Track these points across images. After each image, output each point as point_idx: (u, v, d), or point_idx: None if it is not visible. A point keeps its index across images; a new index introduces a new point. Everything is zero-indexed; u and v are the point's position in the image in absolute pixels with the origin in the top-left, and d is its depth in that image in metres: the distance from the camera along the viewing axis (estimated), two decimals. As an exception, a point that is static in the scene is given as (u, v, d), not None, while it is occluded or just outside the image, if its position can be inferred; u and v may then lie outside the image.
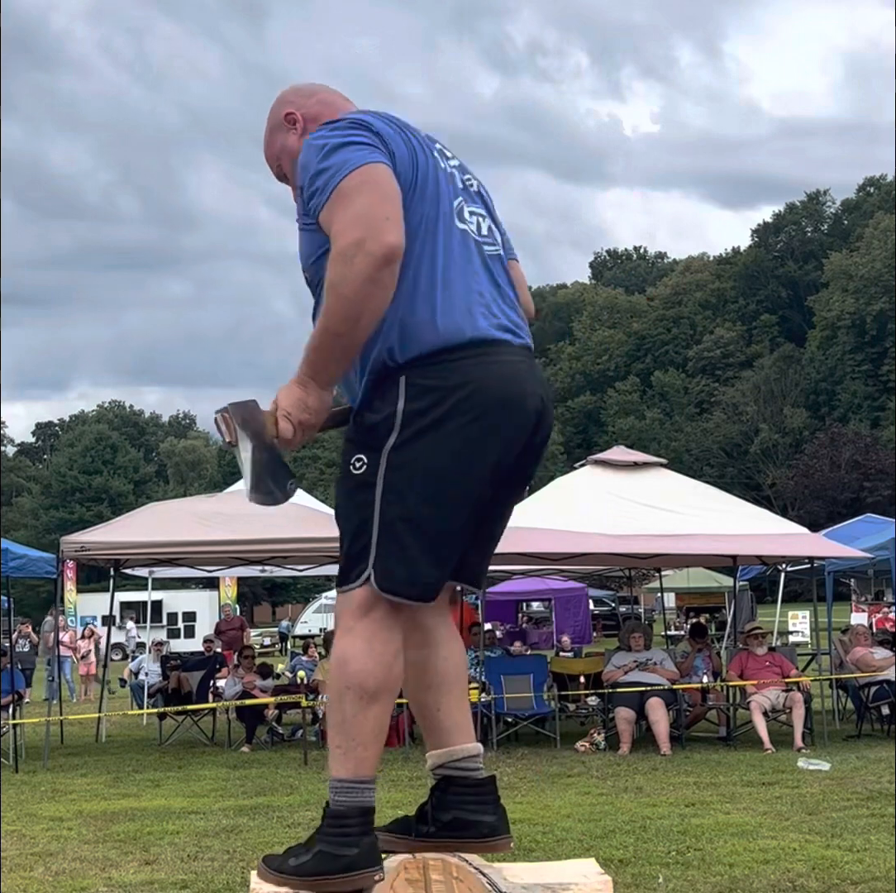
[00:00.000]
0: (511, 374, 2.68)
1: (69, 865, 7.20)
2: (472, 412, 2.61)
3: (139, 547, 13.54)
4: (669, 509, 13.08)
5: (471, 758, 2.83)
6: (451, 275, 2.67)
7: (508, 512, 2.90)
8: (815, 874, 6.38)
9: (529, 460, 2.80)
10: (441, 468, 2.61)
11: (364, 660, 2.65)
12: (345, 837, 2.62)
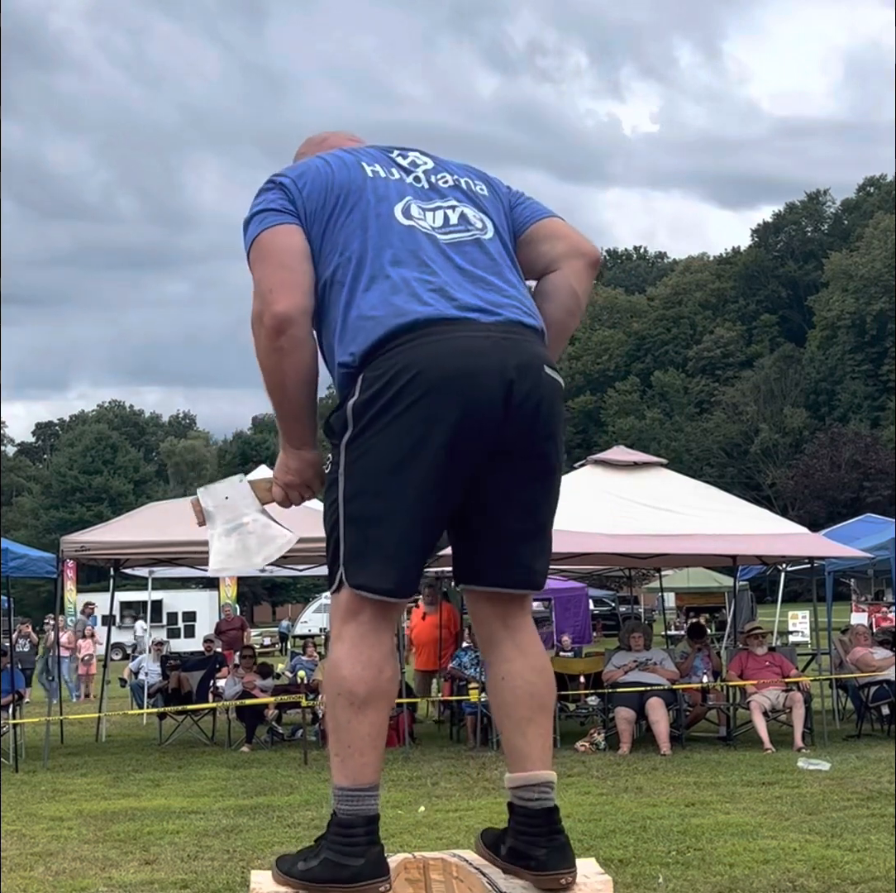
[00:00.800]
0: (465, 348, 2.56)
1: (69, 865, 7.21)
2: (416, 393, 2.52)
3: (139, 547, 13.53)
4: (669, 509, 13.08)
5: (529, 788, 2.69)
6: (388, 269, 2.64)
7: (530, 502, 2.69)
8: (815, 874, 6.39)
9: (519, 438, 2.61)
10: (389, 456, 2.55)
11: (352, 665, 2.61)
12: (351, 847, 2.58)
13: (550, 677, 2.79)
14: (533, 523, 2.72)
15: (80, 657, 23.87)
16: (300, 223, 2.72)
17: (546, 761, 2.72)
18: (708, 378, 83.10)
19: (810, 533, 14.80)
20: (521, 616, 2.76)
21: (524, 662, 2.73)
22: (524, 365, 2.60)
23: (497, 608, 2.75)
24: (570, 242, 2.91)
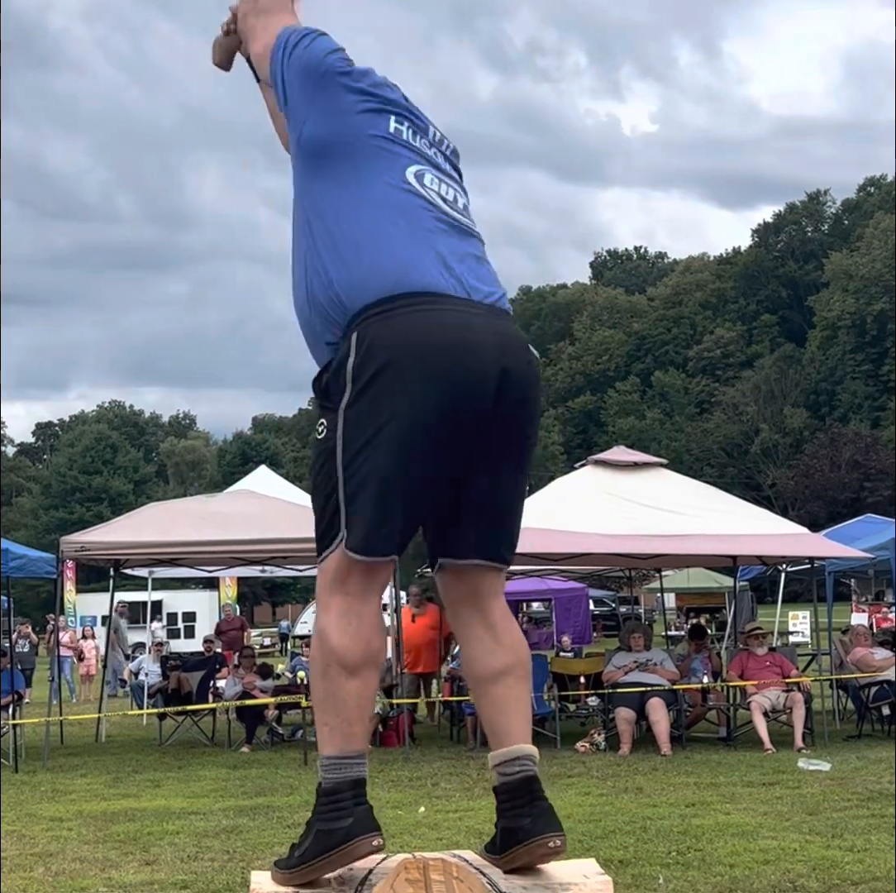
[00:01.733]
0: (462, 322, 2.62)
1: (69, 865, 7.20)
2: (414, 359, 2.57)
3: (139, 547, 13.53)
4: (670, 509, 13.08)
5: (510, 762, 2.71)
6: (400, 229, 2.69)
7: (504, 481, 2.74)
8: (815, 874, 6.38)
9: (510, 411, 2.66)
10: (387, 421, 2.58)
11: (340, 636, 2.63)
12: (338, 810, 2.64)
13: (522, 651, 2.81)
14: (517, 498, 2.79)
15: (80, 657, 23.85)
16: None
17: (525, 735, 2.76)
18: (708, 378, 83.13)
19: (810, 533, 14.80)
20: (493, 596, 2.80)
21: (495, 639, 2.77)
22: (512, 338, 2.71)
23: (469, 587, 2.78)
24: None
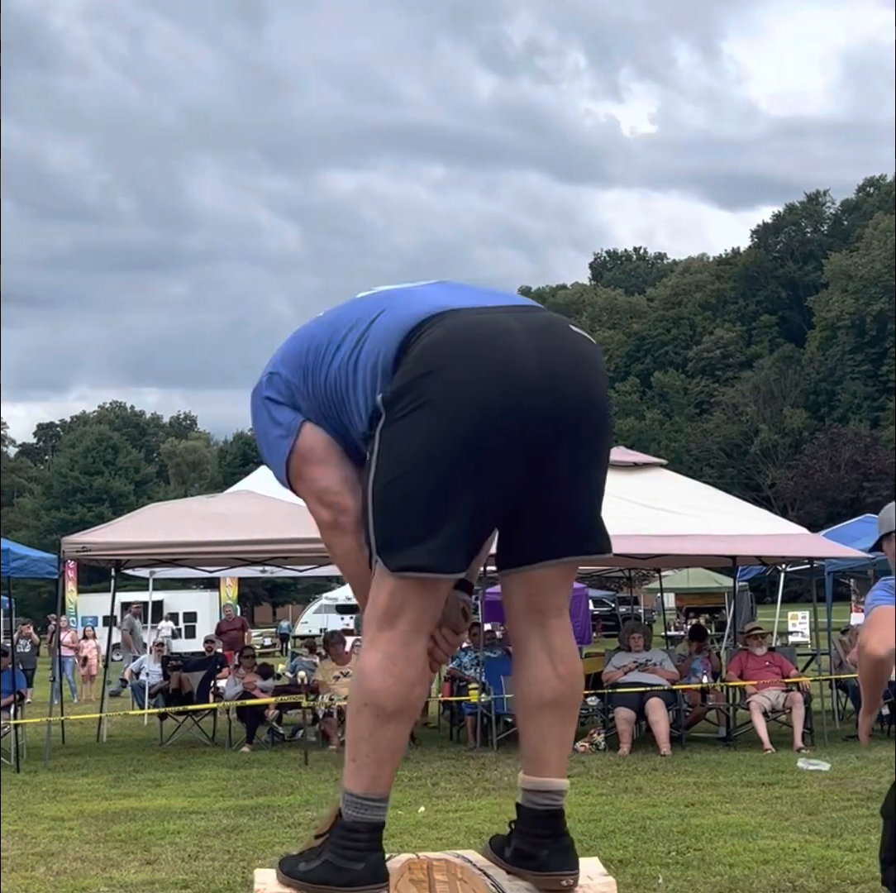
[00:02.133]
0: (478, 322, 2.54)
1: (70, 865, 7.23)
2: (435, 372, 2.49)
3: (140, 548, 13.55)
4: (669, 509, 13.09)
5: (541, 793, 2.69)
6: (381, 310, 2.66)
7: (577, 482, 2.61)
8: (815, 874, 6.41)
9: (568, 413, 2.53)
10: (422, 431, 2.49)
11: (384, 678, 2.55)
12: (352, 851, 2.58)
13: (577, 683, 2.73)
14: (592, 496, 2.67)
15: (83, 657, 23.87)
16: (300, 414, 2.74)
17: (562, 769, 2.71)
18: (708, 379, 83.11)
19: (810, 534, 14.82)
20: (555, 616, 2.71)
21: (552, 665, 2.69)
22: (548, 324, 2.61)
23: (535, 601, 2.69)
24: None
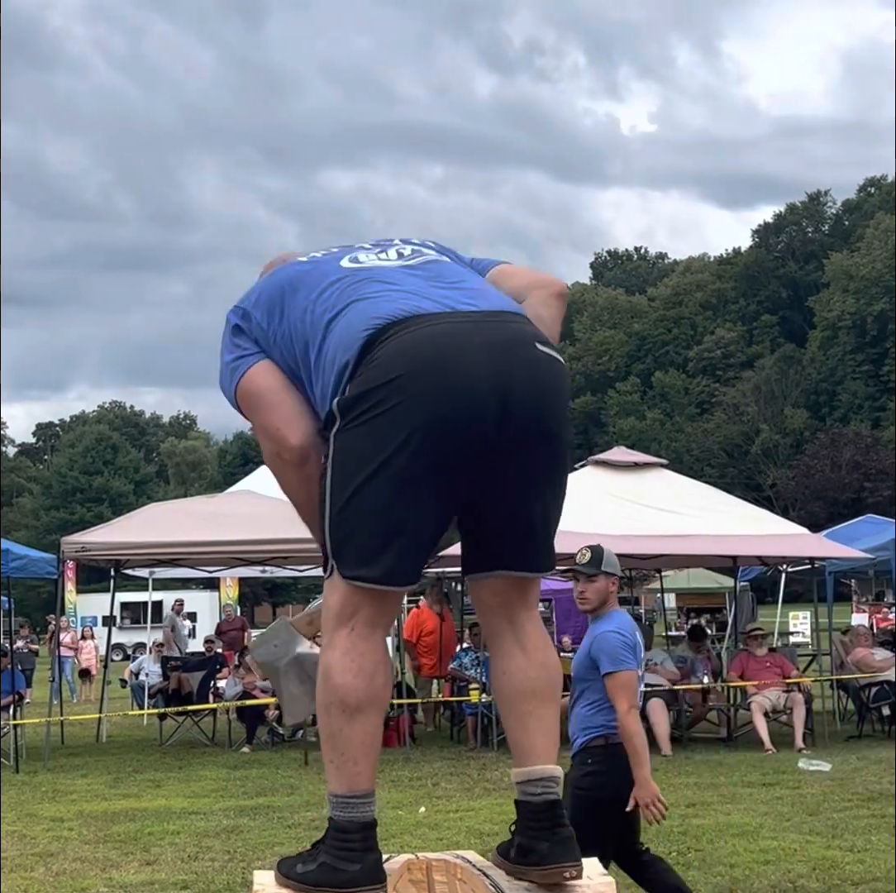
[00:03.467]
0: (441, 333, 2.54)
1: (70, 865, 7.22)
2: (394, 382, 2.50)
3: (140, 548, 13.54)
4: (670, 509, 13.08)
5: (532, 782, 2.69)
6: (348, 301, 2.67)
7: (531, 492, 2.63)
8: (815, 874, 6.40)
9: (522, 416, 2.55)
10: (379, 443, 2.51)
11: (343, 674, 2.59)
12: (347, 851, 2.58)
13: (553, 672, 2.75)
14: (548, 507, 2.69)
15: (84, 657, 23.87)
16: (261, 354, 2.80)
17: (550, 755, 2.72)
18: (708, 379, 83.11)
19: (811, 534, 14.80)
20: (525, 609, 2.74)
21: (525, 657, 2.72)
22: (511, 341, 2.59)
23: (501, 600, 2.73)
24: (532, 276, 2.94)
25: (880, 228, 76.18)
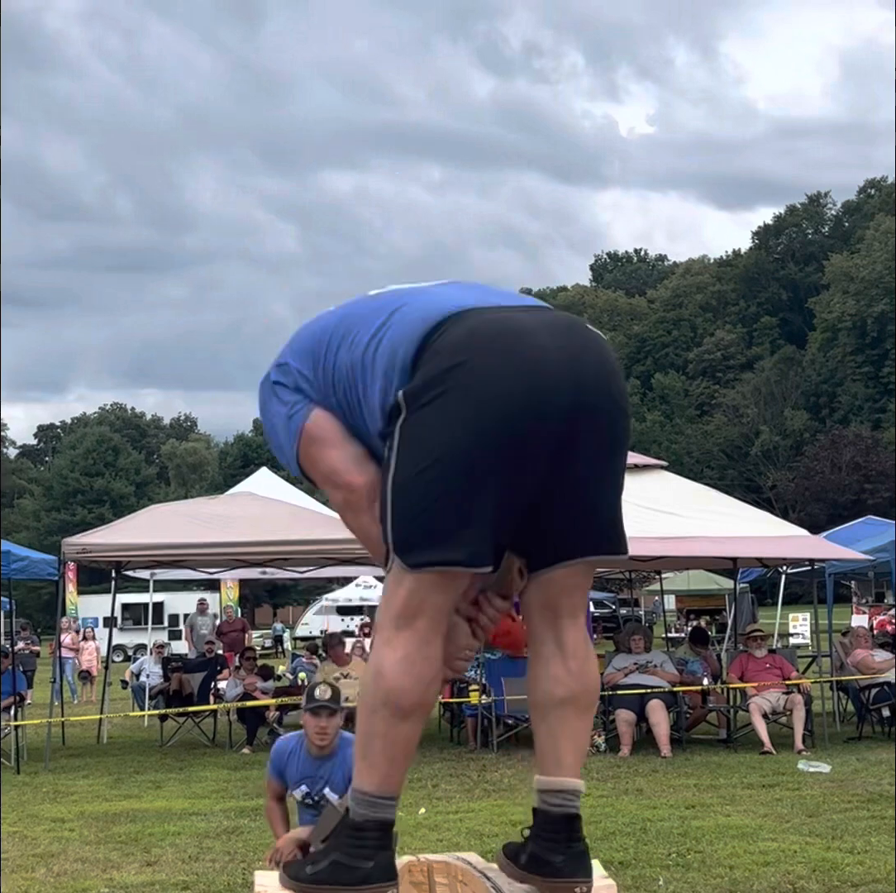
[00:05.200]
0: (501, 319, 2.55)
1: (70, 866, 7.23)
2: (460, 366, 2.49)
3: (140, 549, 13.55)
4: (670, 511, 13.09)
5: (555, 793, 2.68)
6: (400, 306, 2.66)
7: (596, 481, 2.60)
8: (815, 876, 6.40)
9: (595, 400, 2.54)
10: (448, 420, 2.48)
11: (402, 678, 2.54)
12: (361, 849, 2.57)
13: (591, 682, 2.71)
14: (610, 495, 2.66)
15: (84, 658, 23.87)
16: (314, 400, 2.73)
17: (576, 769, 2.70)
18: (708, 380, 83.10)
19: (811, 535, 14.80)
20: (570, 616, 2.70)
21: (564, 665, 2.68)
22: (568, 324, 2.62)
23: (548, 604, 2.69)
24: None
25: (880, 230, 76.16)
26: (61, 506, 70.68)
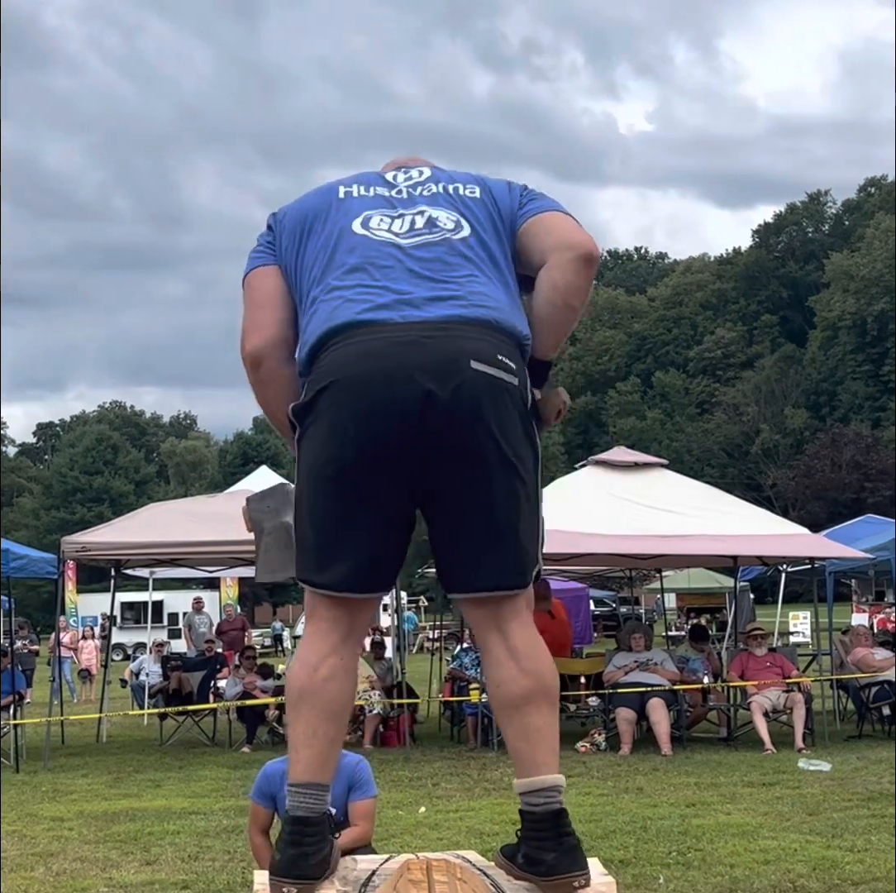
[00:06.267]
0: (370, 351, 2.58)
1: (70, 865, 7.22)
2: (329, 399, 2.60)
3: (140, 547, 13.54)
4: (670, 509, 13.08)
5: (534, 793, 2.66)
6: (334, 282, 2.73)
7: (482, 505, 2.60)
8: (815, 874, 6.39)
9: (442, 437, 2.55)
10: (315, 459, 2.64)
11: (294, 665, 2.69)
12: (281, 841, 2.65)
13: (546, 678, 2.69)
14: (492, 524, 2.64)
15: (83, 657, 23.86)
16: (276, 261, 2.88)
17: (551, 764, 2.68)
18: (709, 379, 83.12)
19: (811, 534, 14.80)
20: (513, 619, 2.69)
21: (516, 666, 2.67)
22: (436, 362, 2.56)
23: (486, 612, 2.70)
24: (560, 234, 2.79)
25: (880, 228, 76.18)
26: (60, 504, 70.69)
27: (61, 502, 70.94)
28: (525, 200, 2.88)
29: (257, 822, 5.29)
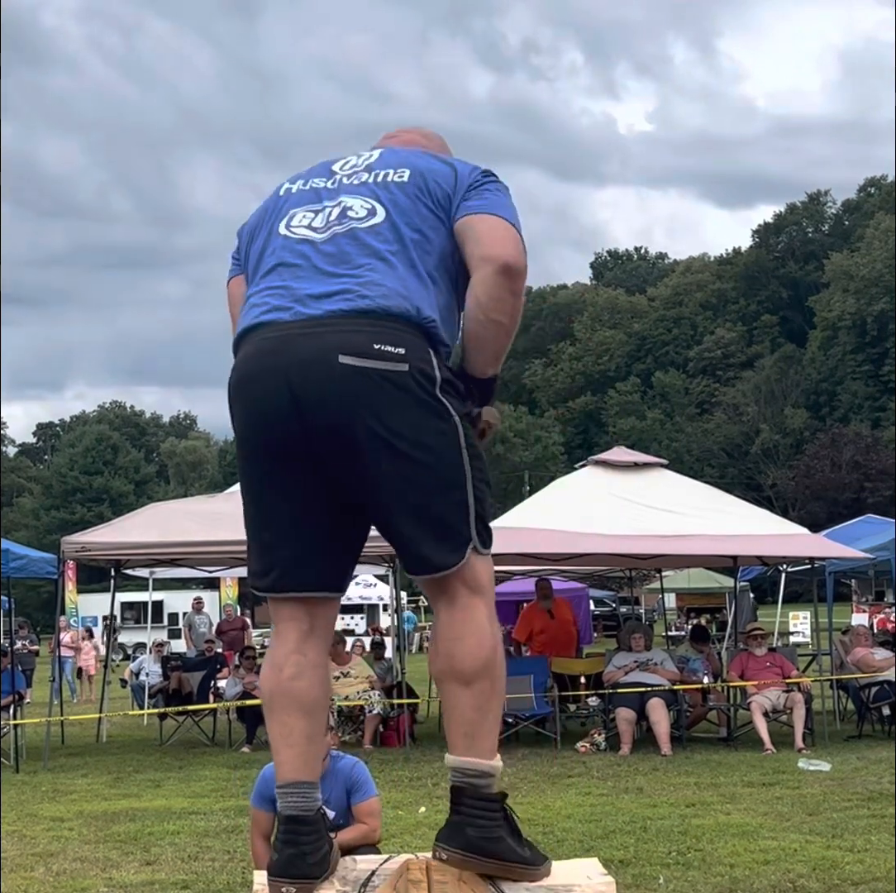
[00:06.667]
0: (250, 354, 2.69)
1: (70, 865, 7.22)
2: (230, 403, 2.74)
3: (140, 548, 13.54)
4: (670, 509, 13.08)
5: (450, 770, 2.70)
6: (253, 287, 2.82)
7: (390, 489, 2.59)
8: (815, 874, 6.39)
9: (319, 431, 2.57)
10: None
11: (264, 668, 2.77)
12: (277, 841, 2.67)
13: (455, 660, 2.63)
14: (401, 512, 2.62)
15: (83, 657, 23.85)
16: (241, 271, 2.96)
17: (456, 745, 2.65)
18: (709, 379, 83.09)
19: (811, 534, 14.80)
20: (441, 599, 2.67)
21: (434, 647, 2.71)
22: (304, 361, 2.57)
23: (429, 592, 2.75)
24: (484, 245, 2.70)
25: (880, 229, 76.17)
26: (60, 504, 70.70)
27: (61, 503, 70.94)
28: (472, 190, 2.77)
29: (259, 827, 5.21)
